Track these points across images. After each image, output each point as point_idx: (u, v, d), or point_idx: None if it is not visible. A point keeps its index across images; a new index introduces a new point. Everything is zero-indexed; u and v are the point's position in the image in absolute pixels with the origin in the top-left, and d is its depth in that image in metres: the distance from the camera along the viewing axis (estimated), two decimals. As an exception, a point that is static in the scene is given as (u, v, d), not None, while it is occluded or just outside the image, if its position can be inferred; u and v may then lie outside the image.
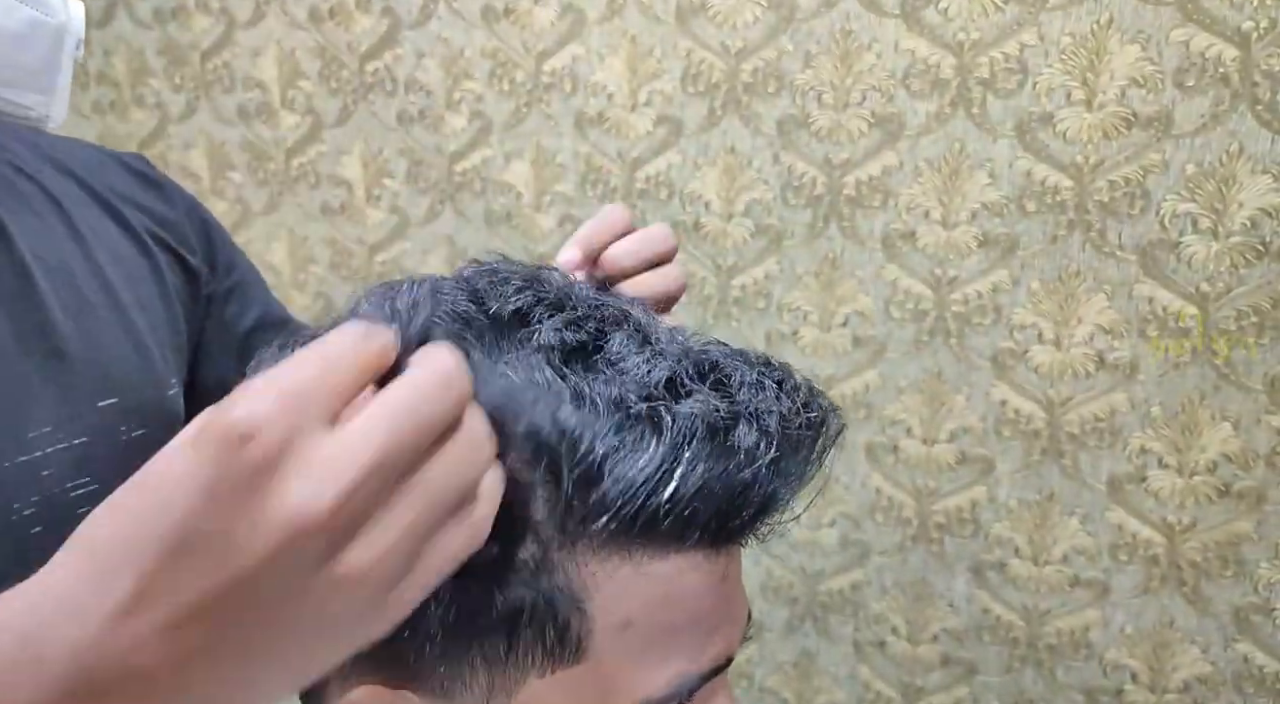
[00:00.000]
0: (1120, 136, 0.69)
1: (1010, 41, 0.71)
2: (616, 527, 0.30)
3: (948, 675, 0.84)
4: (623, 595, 0.31)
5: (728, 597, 0.34)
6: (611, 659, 0.32)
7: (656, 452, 0.30)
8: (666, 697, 0.32)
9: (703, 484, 0.30)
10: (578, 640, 0.31)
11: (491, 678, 0.32)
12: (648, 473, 0.30)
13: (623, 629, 0.31)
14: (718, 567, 0.33)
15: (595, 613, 0.31)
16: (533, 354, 0.31)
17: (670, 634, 0.32)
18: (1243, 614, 0.73)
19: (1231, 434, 0.71)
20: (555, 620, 0.31)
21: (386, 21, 0.90)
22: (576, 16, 0.83)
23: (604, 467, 0.30)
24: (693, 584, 0.32)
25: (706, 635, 0.33)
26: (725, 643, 0.34)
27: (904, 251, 0.77)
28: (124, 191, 0.51)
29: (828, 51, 0.76)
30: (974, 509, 0.80)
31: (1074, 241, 0.72)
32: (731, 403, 0.32)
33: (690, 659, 0.33)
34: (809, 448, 0.33)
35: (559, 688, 0.32)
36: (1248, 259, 0.68)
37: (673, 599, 0.32)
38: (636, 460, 0.30)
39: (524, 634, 0.31)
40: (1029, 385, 0.76)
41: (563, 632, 0.31)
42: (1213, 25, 0.65)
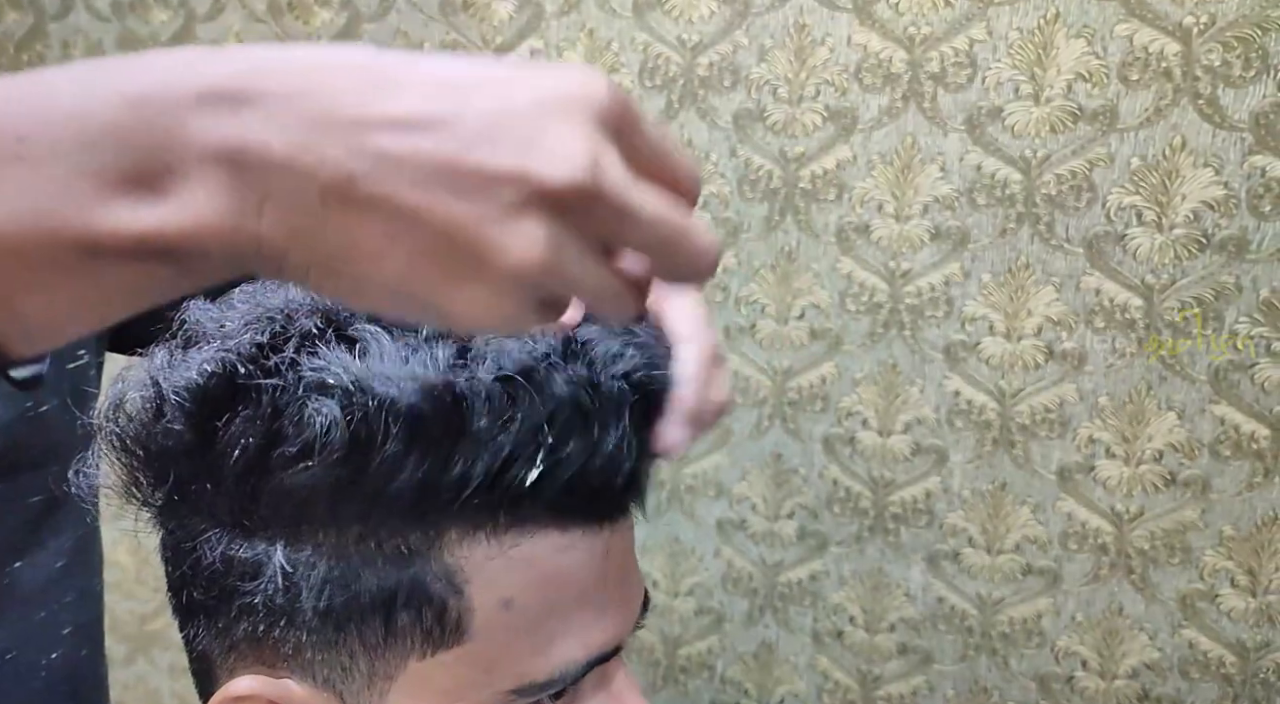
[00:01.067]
0: (1067, 130, 0.70)
1: (960, 36, 0.72)
2: (482, 507, 0.30)
3: (904, 664, 0.84)
4: (500, 576, 0.32)
5: (614, 576, 0.34)
6: (492, 640, 0.32)
7: (518, 430, 0.30)
8: (550, 680, 0.32)
9: (565, 461, 0.31)
10: (456, 622, 0.31)
11: (371, 663, 0.32)
12: (510, 452, 0.30)
13: (503, 609, 0.32)
14: (598, 543, 0.33)
15: (473, 594, 0.31)
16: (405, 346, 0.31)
17: (553, 614, 0.32)
18: (1189, 601, 0.74)
19: (1177, 424, 0.72)
20: (431, 603, 0.31)
21: (346, 14, 0.90)
22: (535, 10, 0.83)
23: (466, 447, 0.30)
24: (573, 562, 0.33)
25: (594, 617, 0.33)
26: (615, 627, 0.34)
27: (858, 245, 0.78)
28: None
29: (782, 45, 0.77)
30: (929, 499, 0.81)
31: (1023, 234, 0.73)
32: (593, 378, 0.32)
33: (577, 641, 0.33)
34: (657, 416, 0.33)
35: (440, 669, 0.32)
36: (1191, 251, 0.69)
37: (553, 578, 0.32)
38: (499, 440, 0.30)
39: (400, 618, 0.31)
40: (980, 377, 0.77)
41: (440, 614, 0.31)
42: (1155, 20, 0.66)
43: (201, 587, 0.33)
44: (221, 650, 0.34)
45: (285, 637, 0.32)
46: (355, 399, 0.29)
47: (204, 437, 0.30)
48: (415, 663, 0.32)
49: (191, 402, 0.30)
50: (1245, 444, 0.70)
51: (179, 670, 1.13)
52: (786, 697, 0.89)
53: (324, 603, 0.31)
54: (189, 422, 0.30)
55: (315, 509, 0.30)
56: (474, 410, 0.30)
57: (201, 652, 0.35)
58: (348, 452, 0.29)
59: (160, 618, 1.11)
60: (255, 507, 0.31)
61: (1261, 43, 0.64)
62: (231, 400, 0.30)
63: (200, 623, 0.34)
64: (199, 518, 0.32)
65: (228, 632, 0.33)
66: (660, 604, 0.91)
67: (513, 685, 0.32)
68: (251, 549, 0.31)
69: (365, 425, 0.29)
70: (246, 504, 0.31)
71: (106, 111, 0.21)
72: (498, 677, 0.32)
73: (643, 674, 0.93)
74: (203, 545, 0.32)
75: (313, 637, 0.32)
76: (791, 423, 0.83)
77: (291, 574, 0.31)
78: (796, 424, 0.83)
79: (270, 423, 0.29)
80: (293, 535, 0.31)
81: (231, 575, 0.31)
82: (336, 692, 0.32)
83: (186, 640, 0.36)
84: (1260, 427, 0.70)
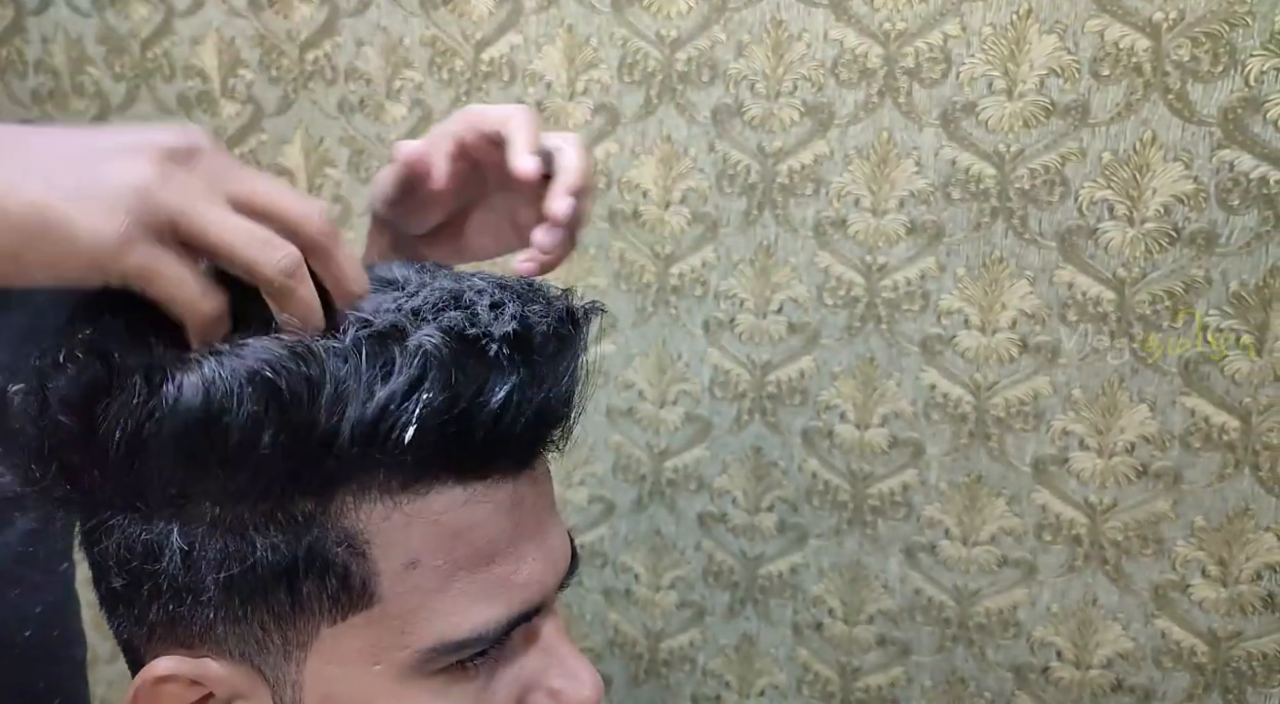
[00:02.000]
0: (1040, 125, 0.71)
1: (934, 32, 0.72)
2: (366, 466, 0.31)
3: (883, 656, 0.85)
4: (401, 536, 0.32)
5: (529, 528, 0.34)
6: (402, 600, 0.32)
7: (385, 385, 0.30)
8: (471, 638, 0.32)
9: (443, 413, 0.30)
10: (362, 585, 0.32)
11: (284, 633, 0.32)
12: (378, 407, 0.30)
13: (409, 569, 0.32)
14: (503, 494, 0.33)
15: (376, 556, 0.31)
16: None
17: (462, 571, 0.32)
18: (1161, 591, 0.75)
19: (1149, 416, 0.73)
20: (333, 569, 0.31)
21: (326, 9, 0.90)
22: (514, 5, 0.83)
23: (327, 405, 0.30)
24: (478, 516, 0.33)
25: (510, 571, 0.33)
26: (537, 582, 0.34)
27: (835, 239, 0.79)
28: None
29: (759, 41, 0.77)
30: (906, 492, 0.81)
31: (997, 229, 0.74)
32: (467, 329, 0.32)
33: (495, 598, 0.33)
34: (553, 362, 0.33)
35: (352, 633, 0.32)
36: (1161, 245, 0.70)
37: (456, 534, 0.32)
38: (364, 396, 0.30)
39: (304, 586, 0.31)
40: (956, 370, 0.77)
41: (344, 578, 0.31)
42: (1126, 16, 0.67)
43: (115, 573, 0.33)
44: (141, 636, 0.34)
45: (195, 615, 0.32)
46: (214, 370, 0.30)
47: (86, 424, 0.31)
48: (327, 629, 0.32)
49: (71, 390, 0.31)
50: (1216, 436, 0.71)
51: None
52: (767, 689, 0.90)
53: (224, 576, 0.31)
54: (70, 411, 0.31)
55: (198, 484, 0.31)
56: (329, 368, 0.30)
57: (126, 640, 0.35)
58: (209, 420, 0.29)
59: (143, 614, 1.11)
60: (143, 488, 0.31)
61: (1229, 38, 0.65)
62: (108, 386, 0.30)
63: (120, 611, 0.34)
64: (98, 506, 0.33)
65: (143, 616, 0.33)
66: (642, 598, 0.92)
67: (430, 644, 0.32)
68: (150, 531, 0.32)
69: (222, 392, 0.29)
70: (134, 487, 0.31)
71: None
72: (414, 636, 0.32)
73: (624, 667, 0.94)
74: (107, 533, 0.32)
75: (220, 612, 0.32)
76: (771, 417, 0.84)
77: (189, 552, 0.31)
78: (776, 418, 0.84)
79: (144, 402, 0.30)
80: (185, 513, 0.31)
81: (135, 559, 0.32)
82: (255, 665, 0.33)
83: (114, 631, 0.36)
84: (1230, 418, 0.71)
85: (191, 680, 0.33)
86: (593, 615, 0.94)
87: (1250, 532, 0.72)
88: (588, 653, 0.84)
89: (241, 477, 0.30)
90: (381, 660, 0.32)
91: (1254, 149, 0.66)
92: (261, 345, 0.30)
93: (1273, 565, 0.72)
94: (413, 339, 0.31)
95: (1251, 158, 0.66)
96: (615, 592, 0.92)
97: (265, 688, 0.33)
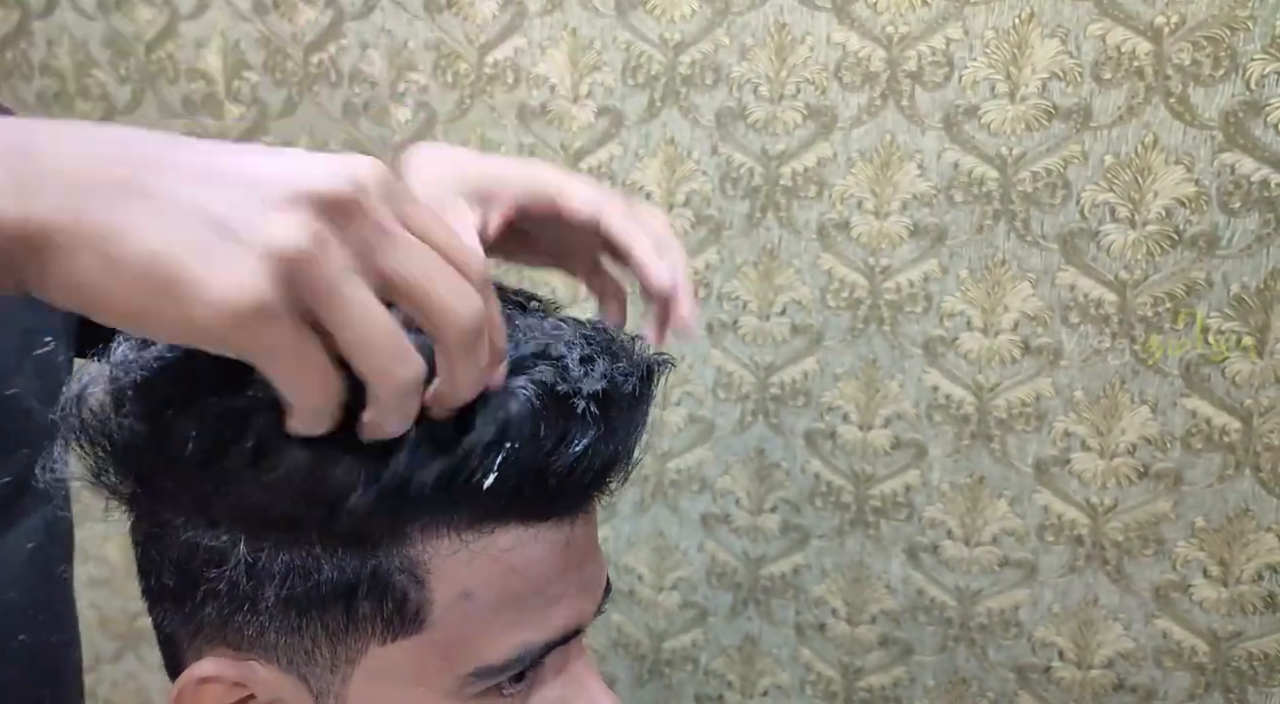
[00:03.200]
0: (1042, 128, 0.71)
1: (937, 35, 0.73)
2: (443, 505, 0.31)
3: (885, 655, 0.86)
4: (461, 569, 0.32)
5: (575, 563, 0.35)
6: (452, 628, 0.33)
7: (478, 436, 0.31)
8: (509, 662, 0.33)
9: (523, 463, 0.31)
10: (416, 611, 0.32)
11: (334, 647, 0.33)
12: (466, 455, 0.30)
13: (462, 600, 0.33)
14: (559, 535, 0.34)
15: (434, 585, 0.32)
16: None
17: (512, 603, 0.33)
18: (1162, 591, 0.76)
19: (1150, 417, 0.73)
20: (392, 594, 0.32)
21: (330, 13, 0.90)
22: (518, 9, 0.84)
23: (426, 455, 0.30)
24: (533, 555, 0.33)
25: (551, 603, 0.34)
26: (575, 611, 0.35)
27: (839, 241, 0.79)
28: None
29: (763, 44, 0.77)
30: (908, 493, 0.82)
31: (999, 231, 0.74)
32: (559, 385, 0.32)
33: (535, 627, 0.34)
34: (628, 417, 0.34)
35: (401, 654, 0.33)
36: (1163, 247, 0.70)
37: (513, 570, 0.33)
38: (459, 444, 0.30)
39: (360, 607, 0.32)
40: (959, 371, 0.78)
41: (400, 603, 0.32)
42: (1127, 20, 0.68)
43: (169, 572, 0.33)
44: (188, 633, 0.35)
45: (249, 621, 0.32)
46: None
47: (159, 430, 0.31)
48: (376, 647, 0.33)
49: (144, 395, 0.31)
50: (1216, 437, 0.72)
51: (167, 667, 1.13)
52: (770, 689, 0.90)
53: (286, 591, 0.31)
54: (144, 415, 0.31)
55: (275, 509, 0.31)
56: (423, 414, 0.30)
57: (169, 634, 0.36)
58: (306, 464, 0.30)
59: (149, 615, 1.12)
60: (215, 500, 0.31)
61: (1230, 42, 0.66)
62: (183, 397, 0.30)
63: (168, 606, 0.35)
64: (164, 508, 0.33)
65: (194, 615, 0.33)
66: (645, 598, 0.92)
67: (470, 669, 0.33)
68: (216, 538, 0.32)
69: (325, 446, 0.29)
70: (207, 497, 0.31)
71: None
72: (455, 662, 0.33)
73: (628, 667, 0.94)
74: (169, 533, 0.33)
75: (275, 622, 0.32)
76: (774, 418, 0.84)
77: (254, 564, 0.31)
78: (779, 419, 0.84)
79: (219, 426, 0.30)
80: (255, 527, 0.32)
81: (196, 561, 0.32)
82: (300, 674, 0.33)
83: (155, 623, 0.36)
84: (1231, 420, 0.71)
85: (235, 682, 0.33)
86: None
87: (1251, 532, 0.72)
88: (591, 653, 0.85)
89: (323, 511, 0.30)
90: (424, 683, 0.33)
91: (1255, 152, 0.67)
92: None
93: (1273, 566, 0.72)
94: (504, 391, 0.31)
95: (1252, 161, 0.67)
96: (619, 592, 0.93)
97: (308, 697, 0.34)
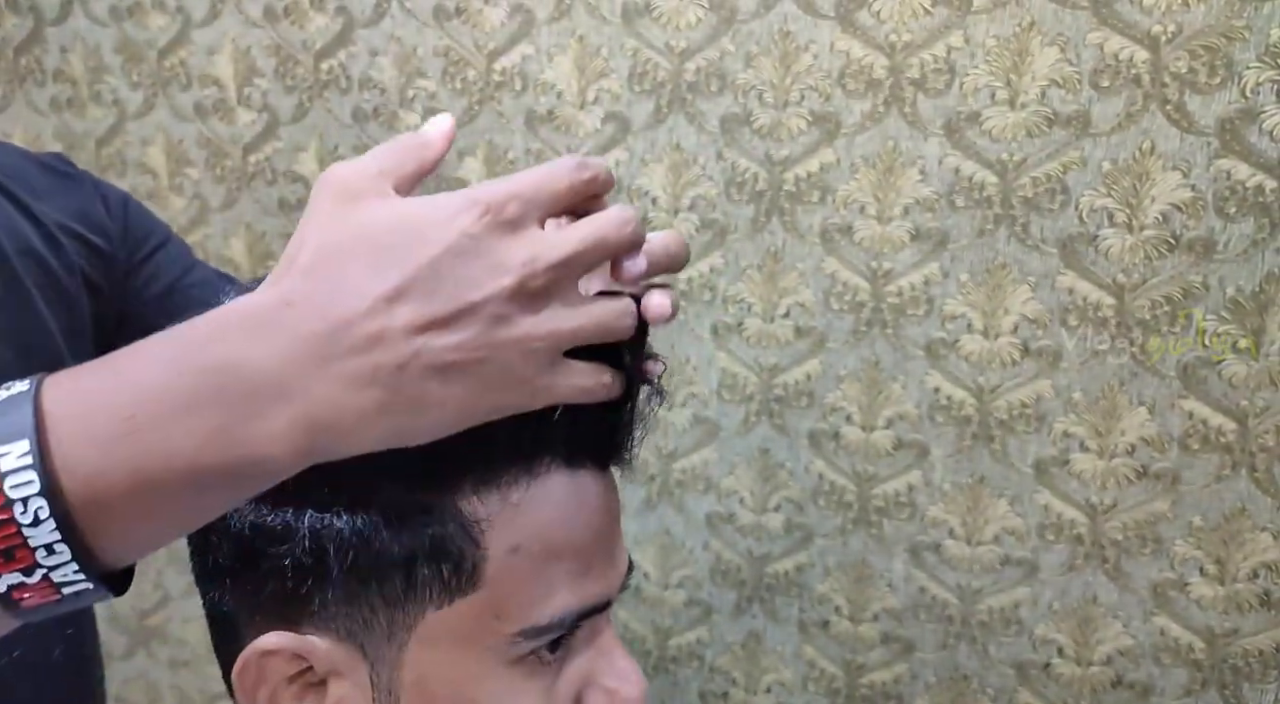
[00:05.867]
0: (1042, 135, 0.73)
1: (939, 43, 0.74)
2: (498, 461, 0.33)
3: (887, 653, 0.87)
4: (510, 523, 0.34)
5: (604, 532, 0.37)
6: (502, 585, 0.35)
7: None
8: (550, 624, 0.35)
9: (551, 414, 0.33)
10: (472, 571, 0.34)
11: (391, 615, 0.34)
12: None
13: (511, 554, 0.34)
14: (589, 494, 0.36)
15: (487, 542, 0.34)
16: None
17: (552, 559, 0.35)
18: (1160, 590, 0.77)
19: (1148, 418, 0.74)
20: (449, 556, 0.34)
21: (340, 20, 0.92)
22: (526, 17, 0.85)
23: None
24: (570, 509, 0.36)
25: (586, 568, 0.36)
26: (604, 581, 0.37)
27: (842, 245, 0.80)
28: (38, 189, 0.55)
29: (767, 52, 0.79)
30: (910, 493, 0.83)
31: (1000, 235, 0.75)
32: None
33: (572, 591, 0.36)
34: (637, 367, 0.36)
35: (456, 616, 0.35)
36: (1160, 252, 0.71)
37: (554, 524, 0.35)
38: None
39: (420, 572, 0.34)
40: (960, 373, 0.79)
41: (458, 564, 0.34)
42: (1125, 29, 0.69)
43: (228, 551, 0.35)
44: (247, 610, 0.36)
45: (310, 595, 0.34)
46: None
47: None
48: (433, 612, 0.34)
49: None
50: (1214, 438, 0.73)
51: (178, 664, 1.15)
52: (774, 685, 0.92)
53: (349, 562, 0.33)
54: None
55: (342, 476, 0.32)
56: None
57: (226, 612, 0.37)
58: None
59: (160, 612, 1.13)
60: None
61: (1227, 51, 0.67)
62: None
63: (225, 585, 0.36)
64: None
65: (256, 592, 0.35)
66: (651, 596, 0.94)
67: (517, 629, 0.35)
68: (280, 516, 0.34)
69: None
70: None
71: (186, 381, 0.28)
72: (505, 621, 0.35)
73: (634, 664, 0.96)
74: (232, 515, 0.34)
75: (336, 593, 0.34)
76: (778, 419, 0.86)
77: (319, 537, 0.33)
78: (783, 420, 0.86)
79: None
80: (320, 500, 0.33)
81: (260, 540, 0.34)
82: (358, 644, 0.35)
83: (209, 602, 0.38)
84: (1228, 421, 0.72)
85: (295, 654, 0.35)
86: (603, 614, 0.95)
87: (1247, 531, 0.74)
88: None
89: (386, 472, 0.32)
90: (475, 645, 0.35)
91: (1250, 158, 0.68)
92: None
93: (1269, 564, 0.74)
94: None
95: (1248, 167, 0.68)
96: (624, 589, 0.94)
97: (364, 666, 0.35)
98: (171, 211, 1.03)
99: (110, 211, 0.60)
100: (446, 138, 0.33)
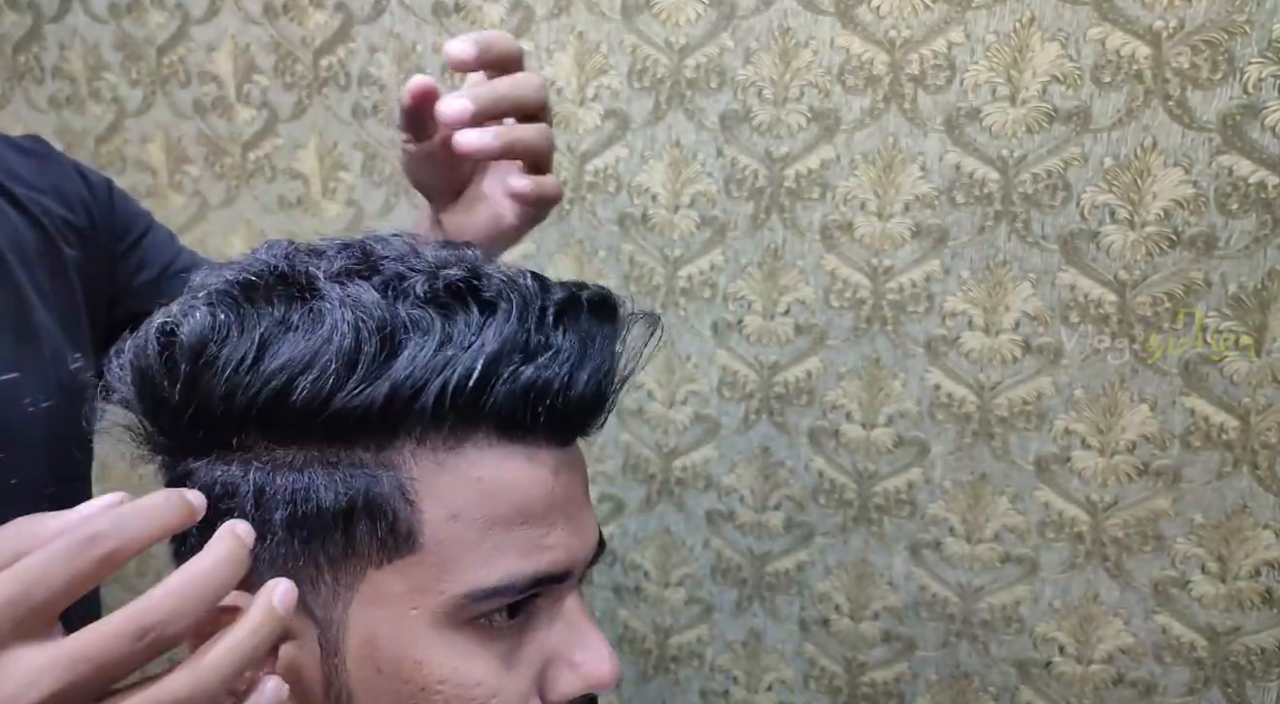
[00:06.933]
0: (1042, 131, 0.72)
1: (939, 39, 0.74)
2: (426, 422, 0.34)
3: (888, 651, 0.87)
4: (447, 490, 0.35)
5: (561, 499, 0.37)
6: (443, 548, 0.35)
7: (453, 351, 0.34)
8: (497, 587, 0.35)
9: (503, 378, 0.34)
10: (408, 532, 0.35)
11: (335, 574, 0.36)
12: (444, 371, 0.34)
13: (450, 521, 0.35)
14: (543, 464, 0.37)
15: (422, 505, 0.35)
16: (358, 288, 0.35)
17: (500, 527, 0.36)
18: (1161, 587, 0.77)
19: (1149, 415, 0.74)
20: (385, 515, 0.35)
21: (340, 17, 0.91)
22: (525, 13, 0.85)
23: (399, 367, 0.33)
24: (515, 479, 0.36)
25: (540, 535, 0.36)
26: (566, 550, 0.37)
27: (842, 242, 0.80)
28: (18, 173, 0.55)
29: (767, 48, 0.78)
30: (911, 490, 0.83)
31: (1000, 232, 0.75)
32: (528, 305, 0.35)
33: (524, 556, 0.36)
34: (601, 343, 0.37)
35: (395, 577, 0.35)
36: (1161, 248, 0.71)
37: (496, 493, 0.36)
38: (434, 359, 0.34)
39: (358, 528, 0.35)
40: (961, 370, 0.79)
41: (393, 524, 0.35)
42: (1127, 24, 0.69)
43: None
44: None
45: (260, 554, 0.35)
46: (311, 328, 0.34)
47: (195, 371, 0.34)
48: (373, 571, 0.35)
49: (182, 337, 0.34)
50: (1215, 435, 0.73)
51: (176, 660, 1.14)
52: (774, 684, 0.92)
53: (290, 515, 0.35)
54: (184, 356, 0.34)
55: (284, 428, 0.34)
56: (407, 331, 0.34)
57: None
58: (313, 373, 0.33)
59: (159, 611, 1.13)
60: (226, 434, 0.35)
61: (1228, 47, 0.67)
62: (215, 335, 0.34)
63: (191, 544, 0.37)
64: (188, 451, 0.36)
65: None
66: (651, 595, 0.93)
67: (463, 591, 0.35)
68: (228, 472, 0.35)
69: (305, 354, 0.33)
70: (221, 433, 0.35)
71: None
72: (449, 583, 0.35)
73: (634, 663, 0.95)
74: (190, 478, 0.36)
75: (282, 550, 0.35)
76: (778, 416, 0.85)
77: (261, 491, 0.35)
78: (783, 417, 0.85)
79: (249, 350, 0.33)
80: (263, 455, 0.35)
81: (212, 498, 0.35)
82: (306, 606, 0.36)
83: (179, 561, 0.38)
84: (1229, 418, 0.72)
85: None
86: (603, 612, 0.95)
87: (1248, 529, 0.73)
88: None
89: (322, 425, 0.34)
90: (419, 605, 0.35)
91: (1252, 154, 0.68)
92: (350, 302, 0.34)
93: (1270, 562, 0.73)
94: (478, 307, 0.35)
95: (1250, 163, 0.68)
96: (625, 588, 0.94)
97: (313, 628, 0.36)
98: (171, 209, 1.02)
99: (94, 193, 0.60)
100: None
